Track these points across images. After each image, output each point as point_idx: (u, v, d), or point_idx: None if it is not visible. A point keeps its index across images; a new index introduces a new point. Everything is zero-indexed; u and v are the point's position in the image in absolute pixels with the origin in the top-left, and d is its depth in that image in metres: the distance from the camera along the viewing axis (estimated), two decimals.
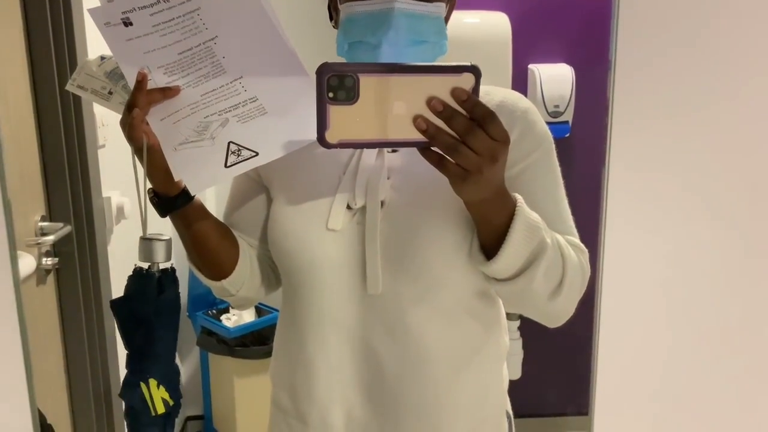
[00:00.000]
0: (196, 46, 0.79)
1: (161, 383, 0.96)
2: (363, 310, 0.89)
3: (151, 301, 0.95)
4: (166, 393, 0.96)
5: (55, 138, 1.52)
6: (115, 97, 0.88)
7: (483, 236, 0.82)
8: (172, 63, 0.79)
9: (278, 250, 0.92)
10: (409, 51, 0.86)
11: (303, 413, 0.95)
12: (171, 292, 0.96)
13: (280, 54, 0.80)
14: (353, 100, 0.65)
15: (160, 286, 0.95)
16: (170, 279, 0.97)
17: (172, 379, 0.98)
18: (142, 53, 0.79)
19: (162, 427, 0.98)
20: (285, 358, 0.98)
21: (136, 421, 0.97)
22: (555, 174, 0.92)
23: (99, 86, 0.88)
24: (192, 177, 0.84)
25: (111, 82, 0.87)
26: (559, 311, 0.88)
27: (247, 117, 0.81)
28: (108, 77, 0.88)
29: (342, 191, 0.88)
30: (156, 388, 0.95)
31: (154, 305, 0.95)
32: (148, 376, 0.95)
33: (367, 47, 0.85)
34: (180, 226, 0.91)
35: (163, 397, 0.96)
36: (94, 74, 0.88)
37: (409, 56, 0.86)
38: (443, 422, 0.91)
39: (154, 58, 0.79)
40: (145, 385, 0.95)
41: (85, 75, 0.88)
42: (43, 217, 1.53)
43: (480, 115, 0.66)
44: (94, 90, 0.89)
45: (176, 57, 0.79)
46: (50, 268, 1.56)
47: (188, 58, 0.79)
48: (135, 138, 0.80)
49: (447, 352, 0.90)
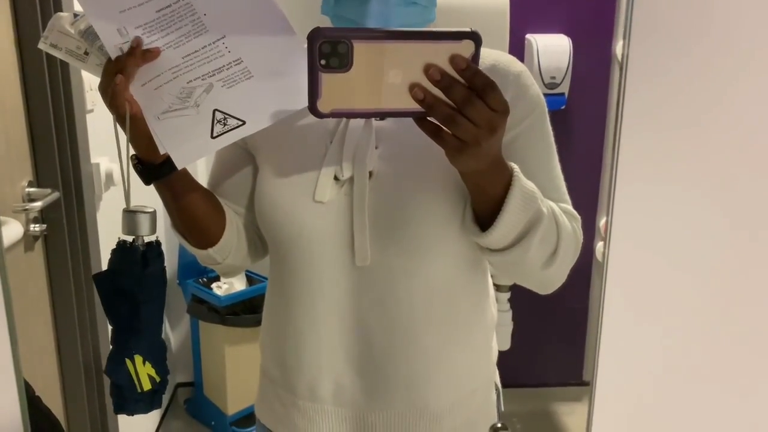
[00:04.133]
0: (175, 2, 0.75)
1: (147, 359, 0.94)
2: (352, 281, 0.88)
3: (135, 275, 0.91)
4: (152, 369, 0.94)
5: (41, 102, 1.49)
6: (91, 58, 0.82)
7: (478, 207, 0.80)
8: (150, 22, 0.75)
9: (265, 222, 0.91)
10: (399, 11, 0.83)
11: (292, 383, 0.95)
12: (156, 266, 0.93)
13: (266, 12, 0.76)
14: (346, 67, 0.62)
15: (144, 260, 0.92)
16: (155, 253, 0.93)
17: (159, 354, 0.96)
18: (117, 12, 0.75)
19: (149, 403, 0.96)
20: (273, 328, 0.97)
21: (121, 398, 0.95)
22: (548, 140, 0.90)
23: (74, 46, 0.82)
24: (177, 149, 0.80)
25: (86, 41, 0.81)
26: (553, 278, 0.87)
27: (232, 81, 0.77)
28: (82, 36, 0.81)
29: (329, 162, 0.86)
30: (142, 365, 0.93)
31: (138, 280, 0.92)
32: (133, 353, 0.93)
33: (355, 3, 0.83)
34: (165, 194, 0.89)
35: (150, 374, 0.94)
36: (67, 32, 0.81)
37: (398, 16, 0.84)
38: (431, 393, 0.92)
39: (130, 17, 0.75)
40: (131, 361, 0.93)
41: (58, 32, 0.81)
42: (31, 183, 1.51)
43: (479, 84, 0.64)
44: (69, 50, 0.82)
45: (154, 15, 0.75)
46: (38, 235, 1.54)
47: (167, 16, 0.75)
48: (117, 106, 0.77)
49: (436, 323, 0.90)
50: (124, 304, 0.93)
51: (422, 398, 0.92)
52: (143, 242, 0.92)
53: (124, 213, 0.90)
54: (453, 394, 0.94)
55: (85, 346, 1.67)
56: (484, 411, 1.00)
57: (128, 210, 0.89)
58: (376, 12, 0.81)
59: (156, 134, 0.79)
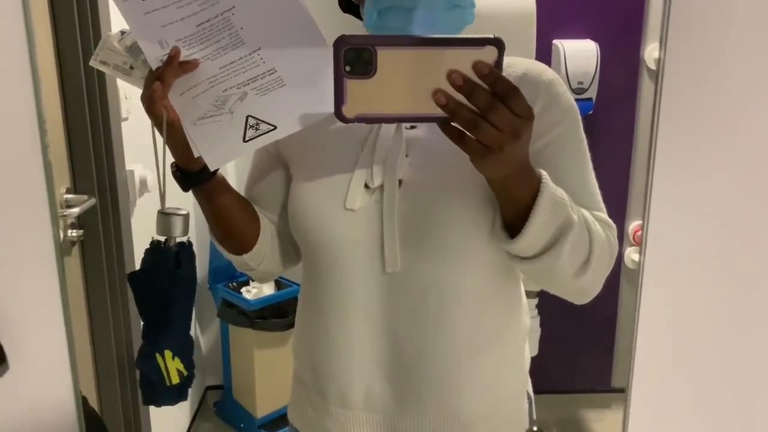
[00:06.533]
0: (214, 17, 0.78)
1: (176, 355, 0.97)
2: (382, 288, 0.89)
3: (167, 274, 0.95)
4: (180, 364, 0.98)
5: (79, 111, 1.54)
6: (136, 71, 0.88)
7: (506, 214, 0.80)
8: (190, 36, 0.79)
9: (297, 229, 0.93)
10: (444, 16, 0.83)
11: (323, 389, 0.96)
12: (187, 266, 0.97)
13: (299, 24, 0.79)
14: (371, 73, 0.64)
15: (176, 260, 0.96)
16: (187, 253, 0.97)
17: (187, 351, 1.00)
18: (160, 26, 0.78)
19: (176, 396, 1.00)
20: (306, 333, 0.98)
21: (151, 390, 0.99)
22: (581, 147, 0.89)
23: (120, 61, 0.88)
24: (210, 152, 0.84)
25: (132, 56, 0.87)
26: (586, 288, 0.86)
27: (266, 90, 0.80)
28: (128, 52, 0.87)
29: (359, 169, 0.88)
30: (171, 360, 0.97)
31: (170, 279, 0.95)
32: (163, 348, 0.97)
33: (400, 12, 0.83)
34: (202, 200, 0.91)
35: (178, 368, 0.98)
36: (115, 49, 0.88)
37: (442, 22, 0.84)
38: (463, 401, 0.92)
39: (171, 31, 0.79)
40: (161, 356, 0.96)
41: (107, 50, 0.88)
42: (68, 189, 1.55)
43: (502, 89, 0.64)
44: (116, 65, 0.88)
45: (194, 29, 0.79)
46: (75, 240, 1.58)
47: (206, 30, 0.79)
48: (155, 113, 0.80)
49: (468, 331, 0.90)
50: (156, 301, 0.96)
51: (454, 405, 0.91)
52: (176, 243, 0.96)
53: (159, 214, 0.93)
54: (485, 401, 0.93)
55: (120, 346, 1.71)
56: (516, 419, 0.99)
57: (163, 212, 0.93)
58: (421, 19, 0.82)
59: (191, 138, 0.83)
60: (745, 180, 0.67)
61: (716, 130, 0.65)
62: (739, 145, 0.66)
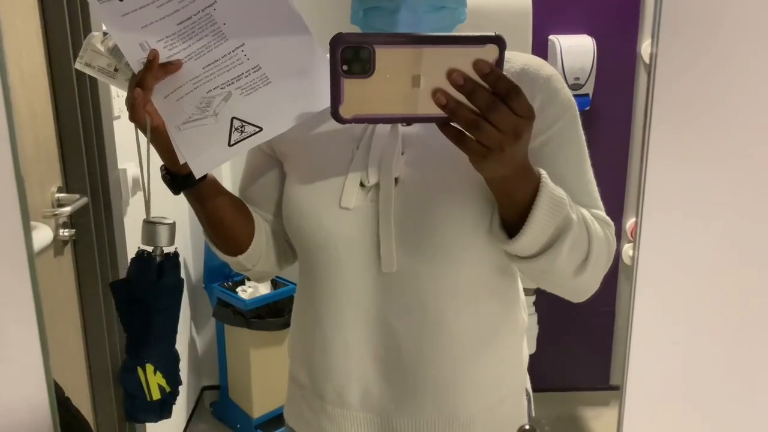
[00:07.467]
0: (195, 14, 0.75)
1: (158, 369, 0.94)
2: (379, 288, 0.88)
3: (149, 285, 0.92)
4: (162, 379, 0.95)
5: (70, 109, 1.52)
6: (121, 74, 0.85)
7: (505, 213, 0.79)
8: (171, 35, 0.76)
9: (292, 228, 0.91)
10: (428, 17, 0.82)
11: (320, 389, 0.95)
12: (171, 277, 0.94)
13: (282, 13, 0.76)
14: (369, 73, 0.62)
15: (160, 271, 0.93)
16: (171, 264, 0.94)
17: (170, 365, 0.96)
18: (139, 27, 0.76)
19: (158, 412, 0.97)
20: (302, 334, 0.97)
21: (132, 406, 0.97)
22: (580, 144, 0.88)
23: (105, 63, 0.85)
24: (196, 159, 0.81)
25: (115, 58, 0.84)
26: (585, 286, 0.86)
27: (251, 88, 0.78)
28: (111, 54, 0.84)
29: (355, 168, 0.86)
30: (153, 374, 0.94)
31: (152, 289, 0.92)
32: (145, 361, 0.94)
33: (384, 13, 0.82)
34: (194, 203, 0.90)
35: (160, 383, 0.95)
36: (99, 51, 0.84)
37: (427, 23, 0.83)
38: (461, 400, 0.91)
39: (152, 31, 0.76)
40: (142, 370, 0.94)
41: (91, 52, 0.85)
42: (60, 189, 1.53)
43: (503, 89, 0.63)
44: (101, 67, 0.85)
45: (175, 28, 0.76)
46: (67, 240, 1.57)
47: (188, 29, 0.76)
48: (138, 120, 0.78)
49: (465, 330, 0.89)
50: (138, 312, 0.94)
51: (451, 405, 0.91)
52: (161, 253, 0.93)
53: (144, 223, 0.91)
54: (483, 400, 0.92)
55: (113, 348, 1.69)
56: (515, 418, 0.98)
57: (148, 221, 0.90)
58: (405, 21, 0.80)
59: (176, 144, 0.80)
60: (741, 176, 0.66)
61: (710, 125, 0.64)
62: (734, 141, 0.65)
